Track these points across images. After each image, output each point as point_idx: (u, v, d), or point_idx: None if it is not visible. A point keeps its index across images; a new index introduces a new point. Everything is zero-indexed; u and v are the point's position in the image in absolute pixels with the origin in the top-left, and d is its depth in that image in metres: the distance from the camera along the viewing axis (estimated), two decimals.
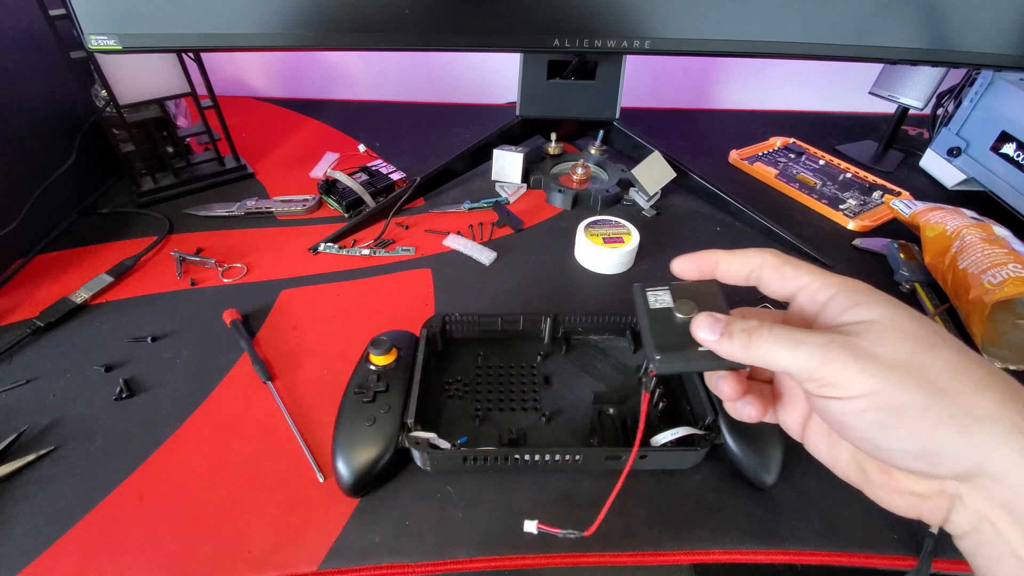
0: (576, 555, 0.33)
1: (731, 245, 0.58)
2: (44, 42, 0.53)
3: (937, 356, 0.20)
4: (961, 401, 0.19)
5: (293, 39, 0.50)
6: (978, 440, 0.18)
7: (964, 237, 0.49)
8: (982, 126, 0.65)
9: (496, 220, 0.61)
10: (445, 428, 0.38)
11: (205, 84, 0.61)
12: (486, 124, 0.68)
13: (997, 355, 0.45)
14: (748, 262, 0.25)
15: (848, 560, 0.33)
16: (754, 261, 0.25)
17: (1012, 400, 0.19)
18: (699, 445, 0.35)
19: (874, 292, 0.22)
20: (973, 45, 0.52)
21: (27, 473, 0.36)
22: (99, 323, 0.47)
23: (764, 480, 0.35)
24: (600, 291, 0.52)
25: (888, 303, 0.21)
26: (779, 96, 0.92)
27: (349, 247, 0.57)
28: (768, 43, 0.52)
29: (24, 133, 0.54)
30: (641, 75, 0.90)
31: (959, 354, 0.20)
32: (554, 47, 0.53)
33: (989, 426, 0.18)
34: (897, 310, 0.21)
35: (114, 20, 0.47)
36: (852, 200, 0.65)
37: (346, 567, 0.32)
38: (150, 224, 0.59)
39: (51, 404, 0.40)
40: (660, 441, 0.35)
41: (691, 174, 0.64)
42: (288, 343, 0.46)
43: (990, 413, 0.18)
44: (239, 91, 0.92)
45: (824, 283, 0.23)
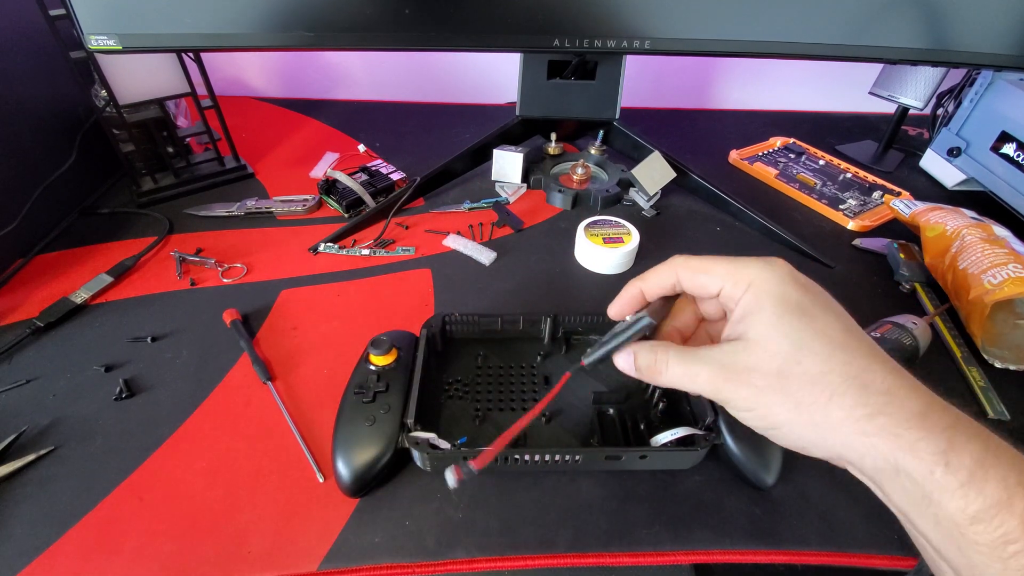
0: (576, 555, 0.33)
1: (731, 245, 0.59)
2: (44, 42, 0.53)
3: (800, 369, 0.24)
4: (816, 412, 0.23)
5: (293, 39, 0.50)
6: (833, 443, 0.23)
7: (964, 237, 0.49)
8: (982, 126, 0.65)
9: (496, 220, 0.61)
10: (445, 428, 0.38)
11: (205, 84, 0.61)
12: (486, 124, 0.68)
13: (997, 355, 0.45)
14: (662, 280, 0.29)
15: (848, 560, 0.33)
16: (666, 278, 0.29)
17: (857, 407, 0.22)
18: (699, 445, 0.35)
19: (756, 300, 0.25)
20: (973, 45, 0.52)
21: (27, 473, 0.36)
22: (99, 323, 0.47)
23: (764, 480, 0.35)
24: (600, 291, 0.52)
25: (767, 314, 0.25)
26: (779, 96, 0.92)
27: (349, 247, 0.57)
28: (768, 43, 0.52)
29: (24, 133, 0.54)
30: (641, 75, 0.90)
31: (822, 361, 0.23)
32: (554, 47, 0.53)
33: (840, 433, 0.23)
34: (770, 323, 0.25)
35: (114, 20, 0.47)
36: (852, 200, 0.65)
37: (346, 567, 0.32)
38: (150, 224, 0.59)
39: (51, 404, 0.40)
40: (660, 441, 0.35)
41: (691, 174, 0.64)
42: (288, 343, 0.46)
43: (839, 422, 0.23)
44: (239, 91, 0.92)
45: (725, 293, 0.27)
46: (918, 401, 0.22)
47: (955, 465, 0.21)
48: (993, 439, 0.21)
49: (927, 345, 0.44)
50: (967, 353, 0.46)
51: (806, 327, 0.24)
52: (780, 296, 0.25)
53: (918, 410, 0.22)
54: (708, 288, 0.27)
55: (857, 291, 0.53)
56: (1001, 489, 0.20)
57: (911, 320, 0.44)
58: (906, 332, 0.42)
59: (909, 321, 0.44)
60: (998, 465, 0.20)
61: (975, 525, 0.20)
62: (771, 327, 0.25)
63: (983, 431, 0.22)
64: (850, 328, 0.25)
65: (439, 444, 0.35)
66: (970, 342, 0.46)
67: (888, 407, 0.22)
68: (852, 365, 0.23)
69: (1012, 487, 0.20)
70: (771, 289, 0.25)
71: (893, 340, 0.42)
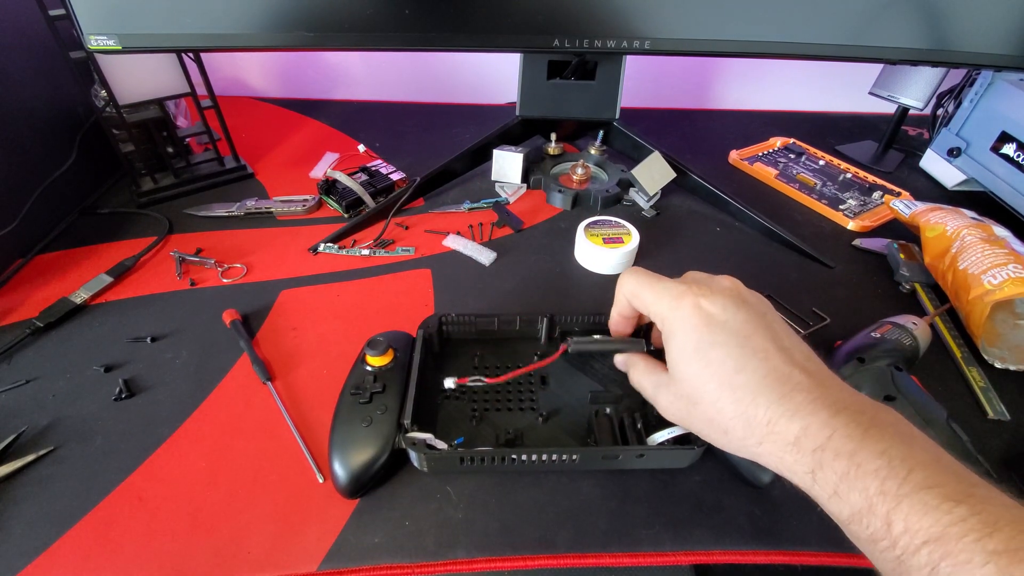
0: (576, 555, 0.33)
1: (731, 245, 0.59)
2: (44, 42, 0.53)
3: (699, 409, 0.30)
4: (722, 439, 0.29)
5: (293, 39, 0.50)
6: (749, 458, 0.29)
7: (964, 237, 0.49)
8: (982, 126, 0.65)
9: (496, 220, 0.61)
10: (442, 428, 0.38)
11: (205, 84, 0.61)
12: (486, 124, 0.68)
13: (997, 355, 0.45)
14: (623, 308, 0.35)
15: (848, 560, 0.33)
16: (625, 304, 0.35)
17: (747, 438, 0.28)
18: (696, 444, 0.35)
19: (667, 339, 0.31)
20: (973, 45, 0.52)
21: (27, 473, 0.36)
22: (99, 323, 0.47)
23: (759, 478, 0.35)
24: (600, 291, 0.52)
25: (673, 355, 0.31)
26: (779, 96, 0.92)
27: (349, 247, 0.57)
28: (768, 43, 0.52)
29: (24, 133, 0.54)
30: (641, 75, 0.90)
31: (712, 403, 0.29)
32: (554, 47, 0.53)
33: (747, 454, 0.29)
34: (676, 364, 0.30)
35: (114, 20, 0.47)
36: (852, 200, 0.65)
37: (346, 568, 0.32)
38: (150, 224, 0.59)
39: (51, 404, 0.40)
40: (657, 440, 0.35)
41: (691, 174, 0.64)
42: (288, 343, 0.46)
43: (740, 447, 0.29)
44: (239, 91, 0.92)
45: (652, 317, 0.32)
46: (795, 427, 0.26)
47: (822, 482, 0.25)
48: (862, 450, 0.24)
49: (927, 345, 0.44)
50: (967, 353, 0.46)
51: (703, 368, 0.29)
52: (681, 336, 0.30)
53: (792, 438, 0.26)
54: (640, 311, 0.34)
55: (857, 291, 0.53)
56: (862, 499, 0.23)
57: (911, 320, 0.44)
58: (906, 332, 0.42)
59: (909, 321, 0.44)
60: (860, 477, 0.24)
61: (851, 525, 0.24)
62: (679, 366, 0.30)
63: (853, 443, 0.24)
64: (744, 362, 0.28)
65: (436, 444, 0.34)
66: (970, 342, 0.46)
67: (769, 436, 0.27)
68: (739, 403, 0.28)
69: (872, 496, 0.23)
70: (676, 327, 0.30)
71: (893, 340, 0.42)
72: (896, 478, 0.23)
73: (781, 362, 0.28)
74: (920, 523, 0.22)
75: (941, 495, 0.22)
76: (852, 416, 0.25)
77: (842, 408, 0.26)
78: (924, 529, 0.22)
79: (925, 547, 0.21)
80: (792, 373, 0.27)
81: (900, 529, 0.22)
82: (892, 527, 0.22)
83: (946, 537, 0.21)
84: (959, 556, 0.21)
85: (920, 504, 0.22)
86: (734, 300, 0.30)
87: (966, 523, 0.21)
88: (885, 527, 0.23)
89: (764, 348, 0.28)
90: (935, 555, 0.21)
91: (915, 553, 0.22)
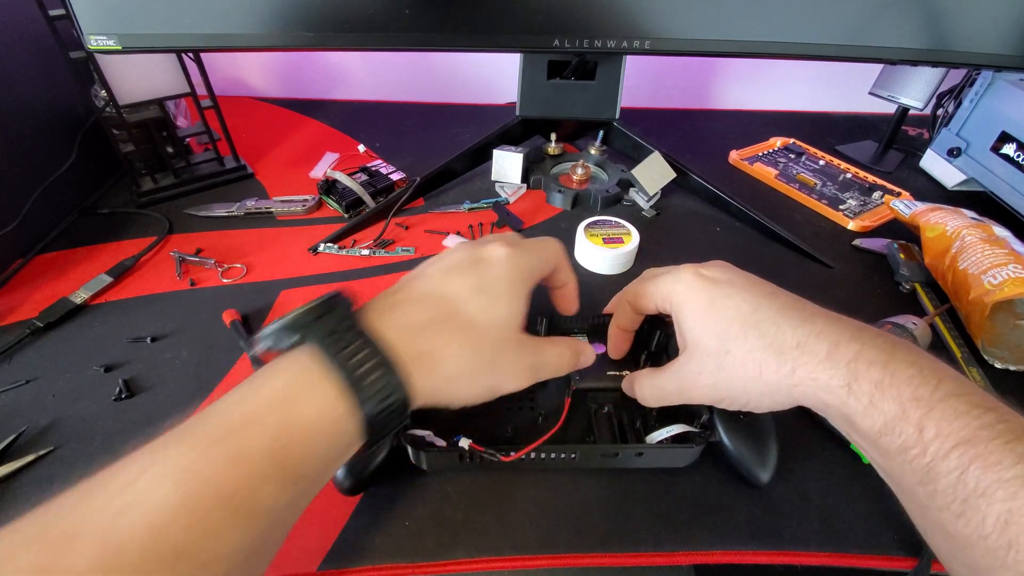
0: (576, 555, 0.33)
1: (731, 245, 0.59)
2: (44, 42, 0.53)
3: (730, 357, 0.29)
4: (758, 383, 0.29)
5: (293, 39, 0.50)
6: (785, 399, 0.29)
7: (964, 237, 0.49)
8: (982, 126, 0.65)
9: (496, 220, 0.61)
10: (441, 426, 0.38)
11: (205, 84, 0.61)
12: (486, 124, 0.68)
13: (997, 355, 0.45)
14: (626, 313, 0.37)
15: (848, 560, 0.33)
16: (628, 310, 0.36)
17: (781, 368, 0.28)
18: (695, 442, 0.35)
19: (679, 310, 0.32)
20: (973, 45, 0.52)
21: (27, 473, 0.36)
22: (99, 323, 0.47)
23: (760, 477, 0.35)
24: (600, 291, 0.52)
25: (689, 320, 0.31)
26: (779, 96, 0.92)
27: (349, 247, 0.57)
28: (768, 43, 0.52)
29: (24, 133, 0.54)
30: (641, 75, 0.90)
31: (741, 343, 0.29)
32: (554, 47, 0.53)
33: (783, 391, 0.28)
34: (694, 327, 0.31)
35: (114, 20, 0.47)
36: (852, 200, 0.65)
37: (346, 568, 0.32)
38: (150, 224, 0.59)
39: (51, 404, 0.40)
40: (656, 439, 0.35)
41: (691, 174, 0.64)
42: None
43: (776, 384, 0.28)
44: (239, 91, 0.92)
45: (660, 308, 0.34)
46: (825, 343, 0.27)
47: (858, 392, 0.25)
48: (895, 360, 0.25)
49: (927, 345, 0.44)
50: (967, 353, 0.46)
51: (720, 319, 0.30)
52: (692, 301, 0.31)
53: (824, 353, 0.27)
54: (648, 308, 0.35)
55: (857, 291, 0.53)
56: (896, 405, 0.24)
57: (911, 320, 0.44)
58: (906, 332, 0.42)
59: (909, 321, 0.44)
60: (895, 384, 0.24)
61: (883, 437, 0.25)
62: (696, 330, 0.31)
63: (885, 353, 0.26)
64: (757, 301, 0.30)
65: (436, 442, 0.34)
66: (970, 342, 0.46)
67: (801, 359, 0.27)
68: (764, 336, 0.28)
69: (905, 402, 0.24)
70: (684, 297, 0.31)
71: None
72: (928, 385, 0.24)
73: (790, 299, 0.30)
74: (951, 427, 0.22)
75: (970, 402, 0.23)
76: (875, 334, 0.27)
77: (863, 328, 0.27)
78: (954, 433, 0.22)
79: (955, 450, 0.22)
80: (805, 305, 0.30)
81: (932, 434, 0.23)
82: (924, 432, 0.23)
83: (976, 440, 0.22)
84: (989, 458, 0.21)
85: (951, 410, 0.23)
86: (729, 267, 0.33)
87: (994, 428, 0.22)
88: (917, 433, 0.23)
89: (771, 291, 0.31)
90: (964, 458, 0.22)
91: (945, 457, 0.22)
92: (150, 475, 0.20)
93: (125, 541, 0.18)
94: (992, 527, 0.21)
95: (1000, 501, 0.21)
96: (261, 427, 0.22)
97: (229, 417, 0.22)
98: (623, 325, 0.38)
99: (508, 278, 0.30)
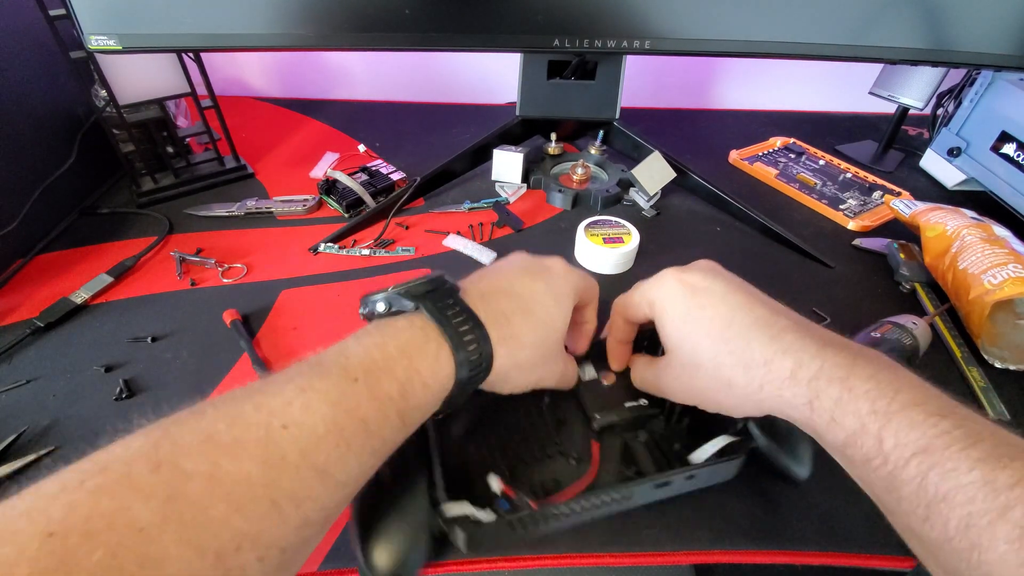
0: (576, 555, 0.33)
1: (731, 245, 0.59)
2: (44, 42, 0.53)
3: (703, 370, 0.31)
4: (730, 393, 0.30)
5: (293, 39, 0.50)
6: (755, 408, 0.30)
7: (964, 237, 0.49)
8: (982, 126, 0.65)
9: (496, 220, 0.61)
10: (478, 492, 0.32)
11: (205, 84, 0.61)
12: (486, 124, 0.68)
13: (997, 355, 0.45)
14: (622, 326, 0.37)
15: (848, 560, 0.33)
16: (622, 323, 0.37)
17: (749, 384, 0.29)
18: (739, 452, 0.33)
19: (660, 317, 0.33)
20: (973, 45, 0.52)
21: (27, 474, 0.36)
22: (99, 323, 0.47)
23: (799, 474, 0.33)
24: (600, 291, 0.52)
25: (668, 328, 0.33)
26: (779, 96, 0.92)
27: (349, 247, 0.57)
28: (768, 43, 0.52)
29: (24, 133, 0.54)
30: (641, 75, 0.89)
31: (711, 357, 0.30)
32: (554, 47, 0.53)
33: (752, 402, 0.29)
34: (672, 336, 0.32)
35: (114, 20, 0.47)
36: (852, 200, 0.65)
37: (346, 567, 0.32)
38: (150, 224, 0.59)
39: (51, 404, 0.40)
40: (703, 457, 0.33)
41: (691, 174, 0.64)
42: (288, 343, 0.46)
43: (745, 396, 0.29)
44: (239, 91, 0.92)
45: (647, 316, 0.35)
46: (789, 362, 0.28)
47: (819, 409, 0.26)
48: (852, 376, 0.26)
49: (927, 345, 0.44)
50: (967, 353, 0.46)
51: (695, 329, 0.31)
52: (670, 310, 0.32)
53: (788, 372, 0.27)
54: (637, 316, 0.36)
55: (857, 291, 0.53)
56: (855, 420, 0.25)
57: (911, 320, 0.44)
58: (906, 332, 0.42)
59: (909, 321, 0.44)
60: (853, 400, 0.25)
61: (847, 449, 0.26)
62: (672, 339, 0.32)
63: (844, 370, 0.26)
64: (731, 314, 0.30)
65: (479, 517, 0.29)
66: (970, 342, 0.46)
67: (767, 376, 0.28)
68: (733, 353, 0.29)
69: (864, 416, 0.25)
70: (663, 305, 0.33)
71: (893, 340, 0.42)
72: (885, 398, 0.25)
73: (765, 311, 0.30)
74: (908, 437, 0.23)
75: (926, 411, 0.24)
76: (839, 348, 0.27)
77: (828, 342, 0.28)
78: (912, 442, 0.23)
79: (914, 459, 0.23)
80: (777, 319, 0.30)
81: (891, 445, 0.24)
82: (883, 443, 0.24)
83: (932, 448, 0.23)
84: (946, 465, 0.22)
85: (908, 420, 0.24)
86: (712, 271, 0.33)
87: (950, 435, 0.23)
88: (877, 444, 0.24)
89: (747, 303, 0.31)
90: (923, 466, 0.23)
91: (905, 466, 0.23)
92: (303, 400, 0.23)
93: (287, 451, 0.21)
94: (955, 530, 0.21)
95: (960, 505, 0.21)
96: (392, 373, 0.25)
97: (367, 360, 0.25)
98: (619, 338, 0.38)
99: (567, 288, 0.34)
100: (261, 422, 0.22)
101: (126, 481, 0.19)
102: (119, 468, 0.20)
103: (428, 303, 0.28)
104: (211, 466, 0.20)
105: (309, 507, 0.22)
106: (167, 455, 0.20)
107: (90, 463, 0.21)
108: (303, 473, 0.21)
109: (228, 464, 0.20)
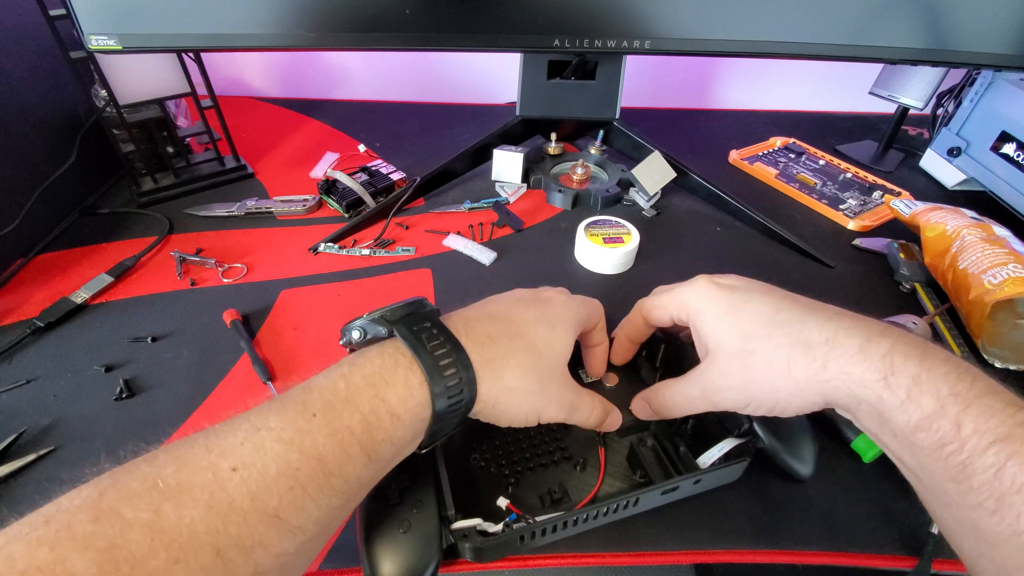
0: (576, 555, 0.33)
1: (731, 245, 0.59)
2: (44, 42, 0.53)
3: (755, 357, 0.29)
4: (787, 382, 0.28)
5: (293, 39, 0.50)
6: (815, 398, 0.28)
7: (964, 237, 0.49)
8: (982, 126, 0.65)
9: (496, 220, 0.61)
10: (485, 505, 0.33)
11: (205, 84, 0.61)
12: (486, 124, 0.68)
13: (997, 355, 0.45)
14: (637, 324, 0.36)
15: (848, 560, 0.33)
16: (639, 321, 0.36)
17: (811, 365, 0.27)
18: (746, 454, 0.33)
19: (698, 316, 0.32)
20: (973, 45, 0.52)
21: (27, 473, 0.36)
22: (99, 323, 0.47)
23: (803, 473, 0.34)
24: (600, 292, 0.52)
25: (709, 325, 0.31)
26: (779, 96, 0.92)
27: (349, 247, 0.57)
28: (768, 43, 0.52)
29: (24, 133, 0.54)
30: (641, 75, 0.90)
31: (767, 342, 0.29)
32: (554, 47, 0.53)
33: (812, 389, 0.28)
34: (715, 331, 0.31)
35: (114, 20, 0.47)
36: (852, 200, 0.65)
37: (346, 567, 0.32)
38: (150, 224, 0.59)
39: (51, 404, 0.40)
40: (709, 460, 0.33)
41: (691, 174, 0.64)
42: (288, 343, 0.46)
43: (805, 382, 0.27)
44: (239, 91, 0.92)
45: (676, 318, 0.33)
46: (856, 338, 0.26)
47: (895, 386, 0.25)
48: (929, 356, 0.25)
49: None
50: (967, 353, 0.46)
51: (742, 320, 0.30)
52: (711, 307, 0.31)
53: (857, 347, 0.26)
54: (662, 319, 0.34)
55: (857, 291, 0.53)
56: (934, 400, 0.24)
57: (911, 320, 0.44)
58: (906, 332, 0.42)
59: (909, 321, 0.44)
60: (931, 380, 0.24)
61: (918, 433, 0.24)
62: (717, 334, 0.30)
63: (919, 349, 0.25)
64: (778, 303, 0.30)
65: (488, 529, 0.30)
66: (970, 342, 0.46)
67: (832, 353, 0.27)
68: (790, 334, 0.28)
69: (943, 397, 0.24)
70: (702, 303, 0.32)
71: None
72: (964, 382, 0.24)
73: (809, 301, 0.30)
74: (988, 424, 0.23)
75: (1005, 400, 0.23)
76: (902, 332, 0.27)
77: (889, 326, 0.27)
78: (991, 430, 0.22)
79: (992, 447, 0.22)
80: (826, 306, 0.29)
81: (969, 431, 0.23)
82: (962, 429, 0.23)
83: (1012, 437, 0.22)
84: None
85: (987, 407, 0.23)
86: (741, 277, 0.33)
87: None
88: (955, 429, 0.23)
89: (789, 295, 0.31)
90: (1001, 455, 0.22)
91: (983, 454, 0.22)
92: (256, 440, 0.22)
93: (234, 495, 0.20)
94: None
95: None
96: (355, 405, 0.24)
97: (327, 393, 0.24)
98: (631, 336, 0.37)
99: (564, 317, 0.33)
100: (210, 465, 0.21)
101: (66, 532, 0.19)
102: (62, 518, 0.19)
103: (402, 327, 0.27)
104: (153, 514, 0.19)
105: (260, 555, 0.20)
106: (110, 503, 0.19)
107: (38, 515, 0.20)
108: (252, 519, 0.20)
109: (171, 511, 0.19)
